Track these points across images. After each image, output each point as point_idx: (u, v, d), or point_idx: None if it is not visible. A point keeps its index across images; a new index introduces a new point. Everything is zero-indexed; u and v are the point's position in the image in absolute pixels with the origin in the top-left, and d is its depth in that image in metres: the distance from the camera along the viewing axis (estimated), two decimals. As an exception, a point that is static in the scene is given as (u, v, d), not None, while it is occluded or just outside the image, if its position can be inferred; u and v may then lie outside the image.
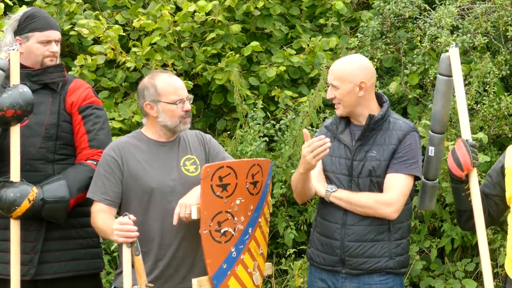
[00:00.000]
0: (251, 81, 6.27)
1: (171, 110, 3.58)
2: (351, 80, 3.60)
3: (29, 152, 3.73)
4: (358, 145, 3.63)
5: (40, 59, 3.82)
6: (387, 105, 3.68)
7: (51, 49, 3.84)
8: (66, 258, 3.83)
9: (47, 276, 3.79)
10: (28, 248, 3.74)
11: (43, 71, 3.83)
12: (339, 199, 3.61)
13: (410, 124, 3.69)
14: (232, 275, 3.50)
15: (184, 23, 6.09)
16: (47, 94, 3.83)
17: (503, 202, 3.53)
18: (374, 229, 3.60)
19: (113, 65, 6.21)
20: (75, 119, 3.85)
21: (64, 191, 3.69)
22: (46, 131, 3.79)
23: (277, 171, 5.70)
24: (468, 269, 5.80)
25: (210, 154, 3.69)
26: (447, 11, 5.86)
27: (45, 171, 3.77)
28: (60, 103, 3.83)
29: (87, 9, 6.42)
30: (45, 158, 3.78)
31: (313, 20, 6.88)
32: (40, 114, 3.78)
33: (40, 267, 3.77)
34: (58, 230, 3.80)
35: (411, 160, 3.60)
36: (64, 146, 3.83)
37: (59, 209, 3.70)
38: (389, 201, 3.55)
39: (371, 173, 3.59)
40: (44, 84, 3.82)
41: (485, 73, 5.75)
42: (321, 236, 3.71)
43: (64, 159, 3.82)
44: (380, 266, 3.62)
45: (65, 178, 3.73)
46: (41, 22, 3.83)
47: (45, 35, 3.83)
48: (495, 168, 3.59)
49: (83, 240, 3.87)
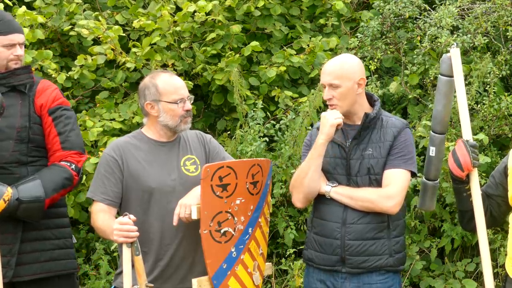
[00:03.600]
0: (251, 81, 6.27)
1: (172, 110, 3.58)
2: (351, 78, 3.63)
3: (2, 156, 3.73)
4: (354, 144, 3.65)
5: (4, 62, 3.80)
6: (379, 103, 3.73)
7: (15, 53, 3.80)
8: (43, 259, 3.83)
9: (25, 278, 3.79)
10: (5, 251, 3.72)
11: (11, 73, 3.81)
12: (340, 194, 3.63)
13: (403, 121, 3.74)
14: (232, 275, 3.50)
15: (184, 23, 6.09)
16: (16, 96, 3.81)
17: (506, 203, 3.53)
18: (374, 226, 3.62)
19: (113, 65, 6.21)
20: (45, 121, 3.83)
21: (39, 191, 3.68)
22: (17, 134, 3.77)
23: (277, 171, 5.70)
24: (468, 269, 5.80)
25: (210, 154, 3.69)
26: (447, 11, 5.86)
27: (19, 173, 3.76)
28: (30, 105, 3.82)
29: (86, 9, 6.42)
30: (19, 161, 3.77)
31: (313, 20, 6.89)
32: (11, 117, 3.76)
33: (17, 269, 3.76)
34: (34, 231, 3.80)
35: (407, 155, 3.65)
36: (36, 148, 3.82)
37: (35, 209, 3.69)
38: (390, 194, 3.58)
39: (369, 171, 3.63)
40: (12, 86, 3.81)
41: (485, 73, 5.75)
42: (319, 237, 3.71)
43: (37, 160, 3.81)
44: (381, 264, 3.63)
45: (40, 178, 3.72)
46: (3, 26, 3.79)
47: (8, 39, 3.79)
48: (498, 169, 3.60)
49: (59, 241, 3.87)
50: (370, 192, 3.60)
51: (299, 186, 3.69)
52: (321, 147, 3.60)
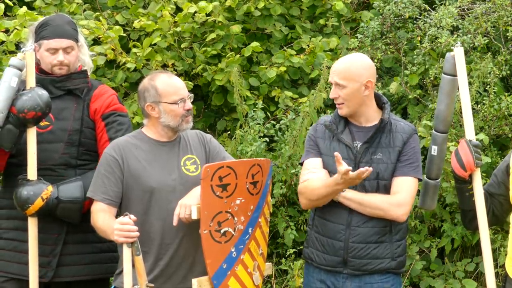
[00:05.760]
0: (251, 82, 6.27)
1: (173, 110, 3.58)
2: (358, 79, 3.60)
3: (52, 158, 3.80)
4: (364, 147, 3.62)
5: (49, 67, 3.86)
6: (389, 106, 3.69)
7: (58, 58, 3.84)
8: (84, 261, 3.87)
9: (64, 279, 3.84)
10: (47, 251, 3.79)
11: (67, 77, 3.87)
12: (348, 200, 3.59)
13: (411, 126, 3.71)
14: (232, 275, 3.50)
15: (184, 24, 6.09)
16: (71, 100, 3.88)
17: (508, 202, 3.54)
18: (377, 231, 3.61)
19: (113, 65, 6.21)
20: (98, 125, 3.90)
21: (79, 192, 3.74)
22: (69, 137, 3.84)
23: (277, 171, 5.70)
24: (468, 269, 5.80)
25: (210, 153, 3.69)
26: (447, 11, 5.86)
27: (67, 176, 3.82)
28: (84, 109, 3.88)
29: (87, 9, 6.41)
30: (68, 164, 3.84)
31: (313, 20, 6.88)
32: (64, 120, 3.84)
33: (58, 269, 3.81)
34: (79, 234, 3.84)
35: (415, 163, 3.63)
36: (87, 152, 3.88)
37: (73, 209, 3.75)
38: (400, 202, 3.57)
39: (378, 175, 3.60)
40: (68, 90, 3.87)
41: (485, 73, 5.75)
42: (321, 236, 3.70)
43: (87, 164, 3.86)
44: (382, 267, 3.63)
45: (82, 179, 3.78)
46: (49, 30, 3.84)
47: (51, 44, 3.83)
48: (500, 168, 3.60)
49: (102, 244, 3.88)
50: (381, 200, 3.57)
51: (310, 196, 3.64)
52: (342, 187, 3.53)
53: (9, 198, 3.79)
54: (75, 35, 3.92)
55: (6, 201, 3.85)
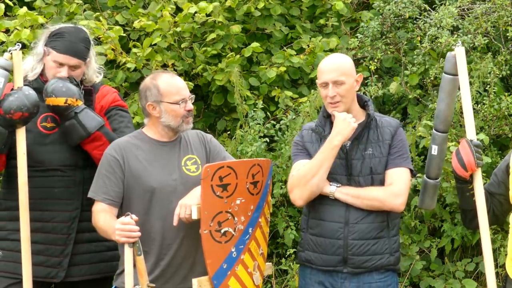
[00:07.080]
0: (251, 82, 6.27)
1: (174, 110, 3.58)
2: (353, 75, 3.67)
3: (59, 159, 3.80)
4: (354, 145, 3.65)
5: (52, 77, 3.85)
6: (371, 103, 3.75)
7: (62, 74, 3.83)
8: (95, 260, 3.88)
9: (76, 278, 3.84)
10: (57, 251, 3.79)
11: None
12: (345, 194, 3.60)
13: (396, 120, 3.77)
14: (232, 275, 3.50)
15: (184, 24, 6.09)
16: None
17: (508, 201, 3.54)
18: (376, 226, 3.63)
19: (114, 65, 6.21)
20: None
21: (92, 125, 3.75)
22: None
23: (277, 171, 5.70)
24: (468, 269, 5.80)
25: (211, 153, 3.69)
26: (447, 11, 5.86)
27: (73, 176, 3.83)
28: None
29: (87, 9, 6.42)
30: (76, 165, 3.85)
31: (313, 20, 6.88)
32: None
33: (69, 269, 3.81)
34: (88, 233, 3.83)
35: (405, 154, 3.68)
36: None
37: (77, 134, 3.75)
38: (397, 192, 3.59)
39: (372, 170, 3.63)
40: None
41: (485, 73, 5.75)
42: (318, 238, 3.68)
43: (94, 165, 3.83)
44: (382, 263, 3.64)
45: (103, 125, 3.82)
46: (61, 43, 3.83)
47: (59, 58, 3.83)
48: (500, 167, 3.60)
49: (109, 243, 3.85)
50: (377, 191, 3.59)
51: (305, 185, 3.59)
52: (337, 149, 3.56)
53: (11, 200, 3.78)
54: (86, 54, 3.90)
55: (9, 202, 3.84)
